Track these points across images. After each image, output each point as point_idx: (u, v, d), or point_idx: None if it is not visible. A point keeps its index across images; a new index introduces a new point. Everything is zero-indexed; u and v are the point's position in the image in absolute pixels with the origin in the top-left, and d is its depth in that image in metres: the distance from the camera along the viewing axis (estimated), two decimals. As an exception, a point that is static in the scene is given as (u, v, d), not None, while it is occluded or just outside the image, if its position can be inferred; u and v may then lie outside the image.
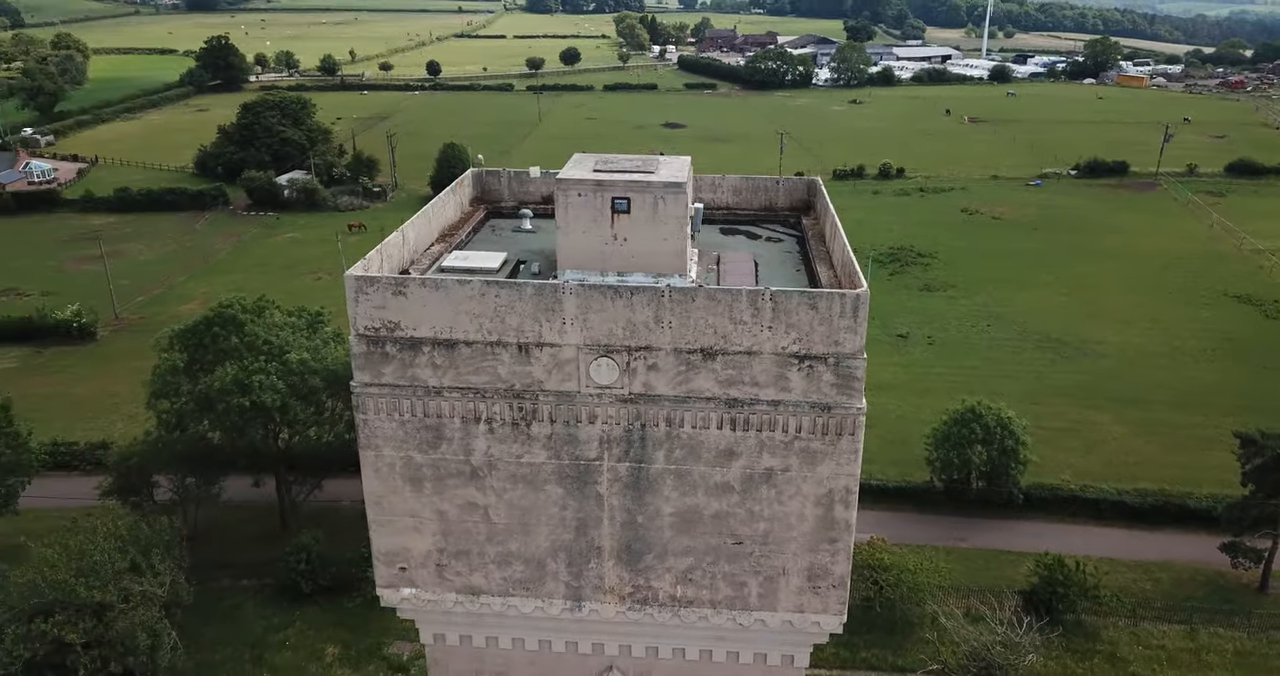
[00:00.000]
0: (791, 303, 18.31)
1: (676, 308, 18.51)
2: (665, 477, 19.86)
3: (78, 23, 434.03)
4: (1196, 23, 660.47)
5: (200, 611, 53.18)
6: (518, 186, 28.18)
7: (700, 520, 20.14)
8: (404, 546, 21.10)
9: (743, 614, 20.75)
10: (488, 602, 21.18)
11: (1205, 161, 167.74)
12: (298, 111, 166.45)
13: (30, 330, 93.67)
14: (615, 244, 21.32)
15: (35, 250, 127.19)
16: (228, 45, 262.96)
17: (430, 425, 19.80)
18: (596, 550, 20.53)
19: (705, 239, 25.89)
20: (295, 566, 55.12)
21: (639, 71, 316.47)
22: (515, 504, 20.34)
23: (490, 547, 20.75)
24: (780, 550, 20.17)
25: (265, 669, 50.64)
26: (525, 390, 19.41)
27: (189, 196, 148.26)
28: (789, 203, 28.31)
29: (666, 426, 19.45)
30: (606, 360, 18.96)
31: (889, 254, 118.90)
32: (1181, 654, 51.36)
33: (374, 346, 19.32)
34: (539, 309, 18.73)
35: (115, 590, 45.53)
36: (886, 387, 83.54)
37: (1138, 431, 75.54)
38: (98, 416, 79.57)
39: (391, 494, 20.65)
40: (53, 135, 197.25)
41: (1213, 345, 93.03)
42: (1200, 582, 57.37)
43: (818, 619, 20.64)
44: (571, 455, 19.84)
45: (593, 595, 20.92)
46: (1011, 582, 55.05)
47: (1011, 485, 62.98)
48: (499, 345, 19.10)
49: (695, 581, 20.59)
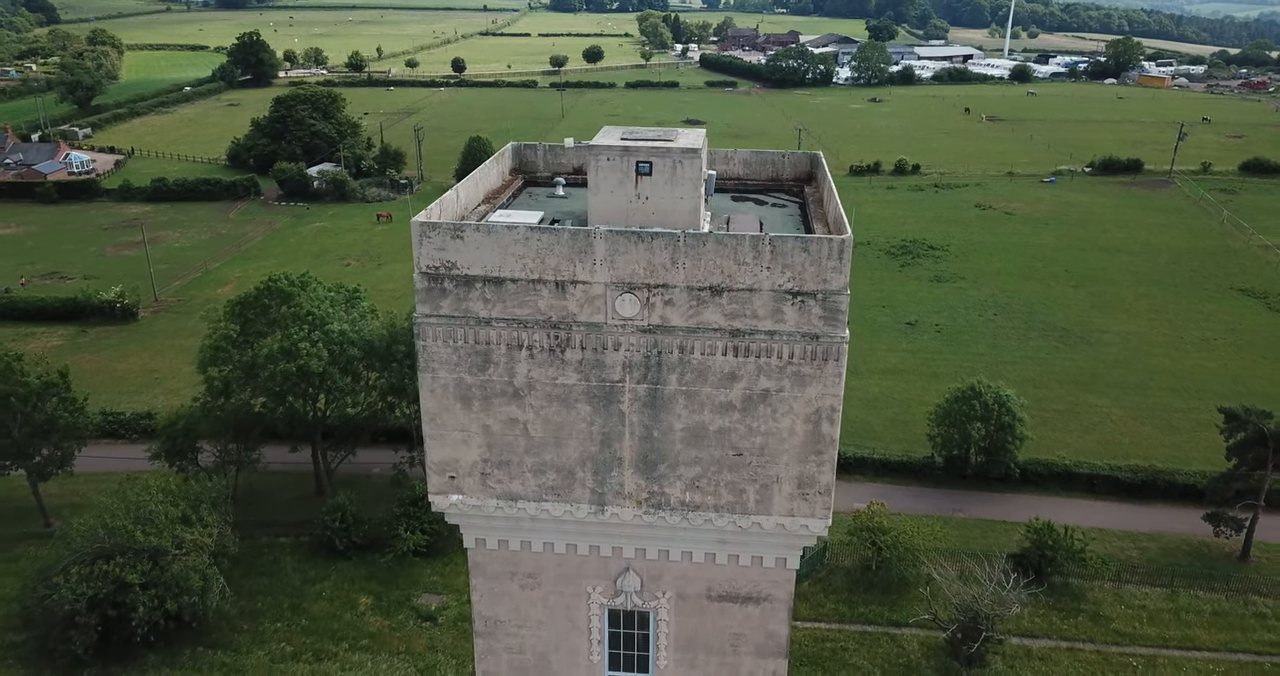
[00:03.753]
0: (787, 246, 21.72)
1: (690, 250, 21.96)
2: (677, 398, 23.31)
3: (110, 19, 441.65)
4: (1224, 24, 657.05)
5: (242, 564, 57.21)
6: (551, 158, 31.70)
7: (706, 434, 23.57)
8: (454, 457, 24.63)
9: (742, 517, 24.17)
10: (524, 507, 24.69)
11: (1220, 160, 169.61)
12: (328, 105, 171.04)
13: (76, 310, 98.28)
14: (639, 202, 24.77)
15: (76, 237, 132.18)
16: (259, 42, 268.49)
17: (479, 351, 23.32)
18: (618, 460, 24.01)
19: (717, 204, 29.29)
20: (331, 524, 59.02)
21: (661, 69, 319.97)
22: (550, 420, 23.83)
23: (528, 458, 24.26)
24: (774, 461, 23.57)
25: (303, 616, 54.52)
26: (560, 321, 22.90)
27: (223, 187, 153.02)
28: (793, 174, 31.67)
29: (679, 353, 22.89)
30: (629, 295, 22.44)
31: (901, 246, 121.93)
32: (1162, 614, 54.45)
33: (434, 283, 22.87)
34: (574, 251, 22.23)
35: (169, 537, 49.56)
36: (894, 372, 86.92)
37: (1135, 414, 78.45)
38: (140, 390, 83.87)
39: (444, 411, 24.17)
40: (90, 128, 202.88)
41: (1215, 335, 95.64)
42: (1185, 551, 60.39)
43: (806, 522, 24.01)
44: (598, 378, 23.31)
45: (614, 500, 24.39)
46: (1004, 549, 58.19)
47: (1008, 460, 66.07)
48: (539, 282, 22.60)
49: (701, 488, 24.03)
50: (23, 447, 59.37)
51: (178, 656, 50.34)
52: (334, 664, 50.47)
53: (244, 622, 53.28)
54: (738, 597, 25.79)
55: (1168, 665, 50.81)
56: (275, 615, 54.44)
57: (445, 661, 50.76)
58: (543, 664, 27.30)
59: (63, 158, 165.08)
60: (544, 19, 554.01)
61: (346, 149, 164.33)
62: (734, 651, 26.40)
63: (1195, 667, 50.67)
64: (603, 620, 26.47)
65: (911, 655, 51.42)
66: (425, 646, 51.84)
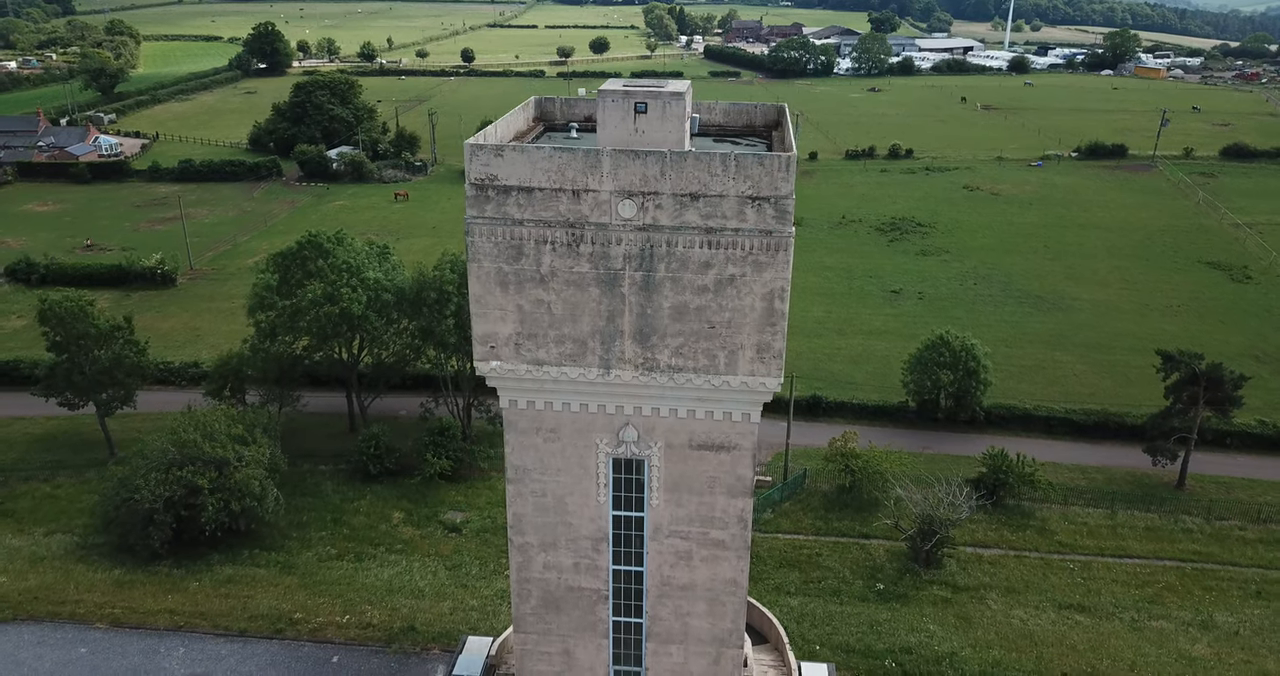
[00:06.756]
0: (748, 161, 28.85)
1: (674, 165, 29.09)
2: (665, 282, 30.48)
3: (125, 11, 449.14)
4: (1229, 18, 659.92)
5: (287, 487, 64.46)
6: (567, 109, 38.94)
7: (687, 311, 30.74)
8: (494, 331, 31.84)
9: (714, 377, 31.35)
10: (548, 370, 31.89)
11: (1203, 146, 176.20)
12: (345, 91, 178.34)
13: (120, 276, 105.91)
14: (637, 135, 31.93)
15: (111, 213, 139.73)
16: (274, 32, 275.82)
17: (514, 245, 30.51)
18: (620, 332, 31.19)
19: (700, 144, 36.43)
20: (367, 450, 66.44)
21: (665, 60, 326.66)
22: (568, 300, 31.00)
23: (551, 331, 31.45)
24: (739, 331, 30.73)
25: (344, 527, 61.96)
26: (576, 221, 30.08)
27: (246, 168, 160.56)
28: (764, 122, 38.82)
29: (667, 247, 30.05)
30: (629, 201, 29.61)
31: (890, 224, 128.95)
32: (1101, 529, 61.70)
33: (480, 191, 30.06)
34: (587, 166, 29.38)
35: (232, 450, 57.00)
36: (878, 333, 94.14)
37: (1096, 369, 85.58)
38: (184, 346, 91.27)
39: (487, 294, 31.36)
40: (114, 114, 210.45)
41: (1179, 303, 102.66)
42: (1128, 481, 67.61)
43: (764, 380, 31.16)
44: (605, 266, 30.48)
45: (617, 365, 31.57)
46: (965, 477, 65.30)
47: (974, 404, 73.19)
48: (560, 191, 29.78)
49: (684, 354, 31.21)
50: (93, 384, 66.77)
51: (237, 555, 57.83)
52: (373, 563, 57.92)
53: (293, 531, 60.75)
54: (713, 446, 33.03)
55: (1102, 568, 58.04)
56: (319, 526, 61.88)
57: (470, 562, 58.16)
58: (560, 505, 34.54)
59: (92, 140, 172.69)
60: (551, 11, 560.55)
61: (364, 132, 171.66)
62: (710, 491, 33.66)
63: (1125, 570, 57.90)
64: (608, 466, 33.72)
65: (877, 559, 58.71)
66: (452, 549, 59.25)
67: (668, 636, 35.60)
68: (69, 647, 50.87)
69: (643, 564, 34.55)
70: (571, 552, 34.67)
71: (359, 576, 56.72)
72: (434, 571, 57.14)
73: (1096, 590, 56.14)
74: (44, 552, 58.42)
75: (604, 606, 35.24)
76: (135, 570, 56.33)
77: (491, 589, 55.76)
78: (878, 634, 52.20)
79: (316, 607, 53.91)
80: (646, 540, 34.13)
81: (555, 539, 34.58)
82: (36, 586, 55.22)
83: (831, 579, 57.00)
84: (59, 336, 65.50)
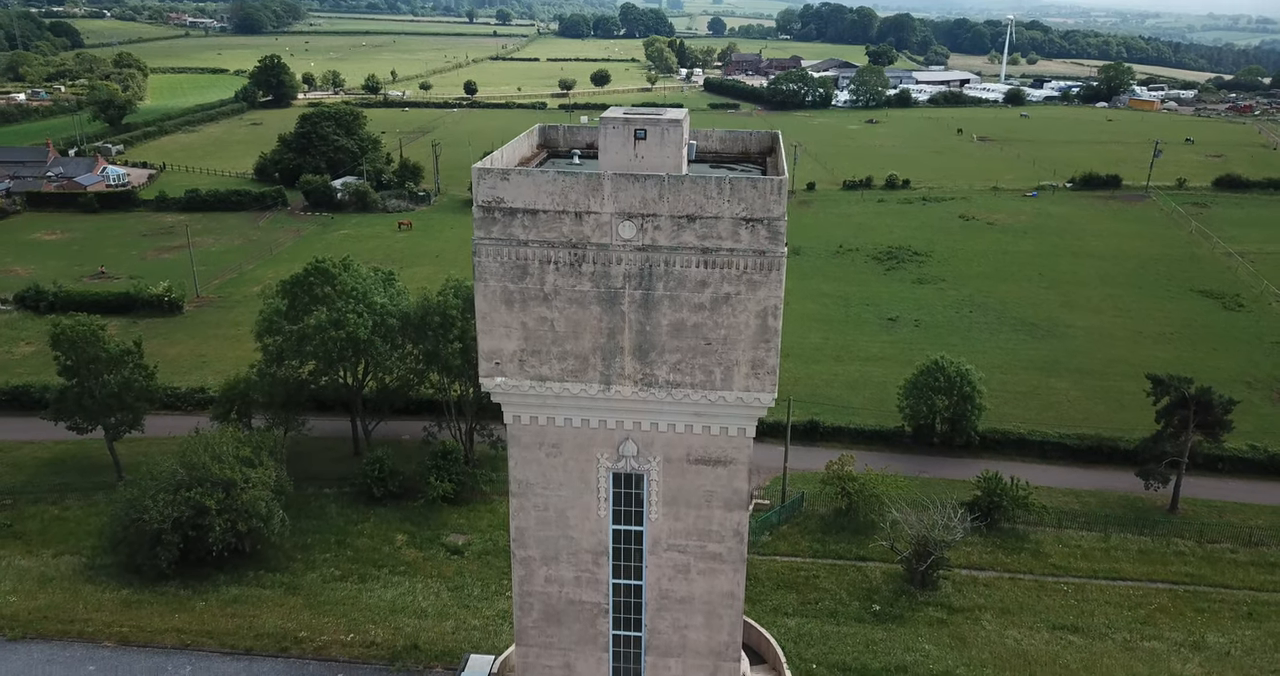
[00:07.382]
0: (742, 185, 30.26)
1: (672, 189, 30.50)
2: (663, 300, 31.77)
3: (132, 44, 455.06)
4: (1223, 52, 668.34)
5: (293, 509, 65.30)
6: (569, 136, 40.53)
7: (685, 328, 32.00)
8: (499, 347, 33.08)
9: (711, 393, 32.53)
10: (550, 386, 33.08)
11: (1196, 177, 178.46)
12: (350, 122, 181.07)
13: (128, 303, 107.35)
14: (637, 160, 33.43)
15: (118, 242, 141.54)
16: (279, 65, 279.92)
17: (519, 265, 31.83)
18: (620, 349, 32.42)
19: (698, 169, 37.92)
20: (371, 473, 67.42)
21: (665, 92, 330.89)
22: (570, 318, 32.28)
23: (554, 347, 32.68)
24: (734, 347, 31.96)
25: (348, 549, 62.78)
26: (578, 242, 31.42)
27: (252, 197, 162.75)
28: (759, 148, 40.35)
29: (665, 266, 31.38)
30: (629, 222, 31.00)
31: (887, 252, 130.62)
32: (1095, 551, 62.51)
33: (487, 213, 31.44)
34: (589, 189, 30.79)
35: (239, 471, 58.01)
36: (874, 360, 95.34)
37: (1090, 394, 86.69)
38: (190, 372, 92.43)
39: (493, 311, 32.63)
40: (122, 145, 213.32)
41: (1172, 330, 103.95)
42: (1121, 505, 68.50)
43: (758, 395, 32.33)
44: (605, 285, 31.78)
45: (617, 380, 32.76)
46: (960, 500, 66.14)
47: (969, 428, 74.21)
48: (563, 213, 31.16)
49: (681, 370, 32.41)
50: (102, 408, 67.87)
51: (243, 576, 58.65)
52: (377, 583, 58.70)
53: (298, 552, 61.60)
54: (710, 460, 34.14)
55: (1095, 590, 58.79)
56: (323, 548, 62.70)
57: (471, 583, 58.95)
58: (562, 519, 35.56)
59: (100, 171, 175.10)
60: (552, 44, 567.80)
61: (368, 163, 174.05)
62: (707, 505, 34.72)
63: (1118, 592, 58.65)
64: (608, 481, 34.80)
65: (873, 580, 59.48)
66: (454, 571, 60.05)
67: (666, 649, 36.48)
68: (77, 665, 51.59)
69: (642, 577, 35.52)
70: (572, 566, 35.65)
71: (363, 596, 57.49)
72: (437, 592, 57.91)
73: (1090, 611, 56.87)
74: (53, 573, 59.27)
75: (604, 619, 36.15)
76: (143, 590, 57.14)
77: (493, 609, 56.52)
78: (874, 653, 52.89)
79: (321, 626, 54.65)
80: (645, 553, 35.13)
81: (557, 552, 35.57)
82: (45, 606, 56.02)
83: (828, 600, 57.74)
84: (70, 360, 66.72)
